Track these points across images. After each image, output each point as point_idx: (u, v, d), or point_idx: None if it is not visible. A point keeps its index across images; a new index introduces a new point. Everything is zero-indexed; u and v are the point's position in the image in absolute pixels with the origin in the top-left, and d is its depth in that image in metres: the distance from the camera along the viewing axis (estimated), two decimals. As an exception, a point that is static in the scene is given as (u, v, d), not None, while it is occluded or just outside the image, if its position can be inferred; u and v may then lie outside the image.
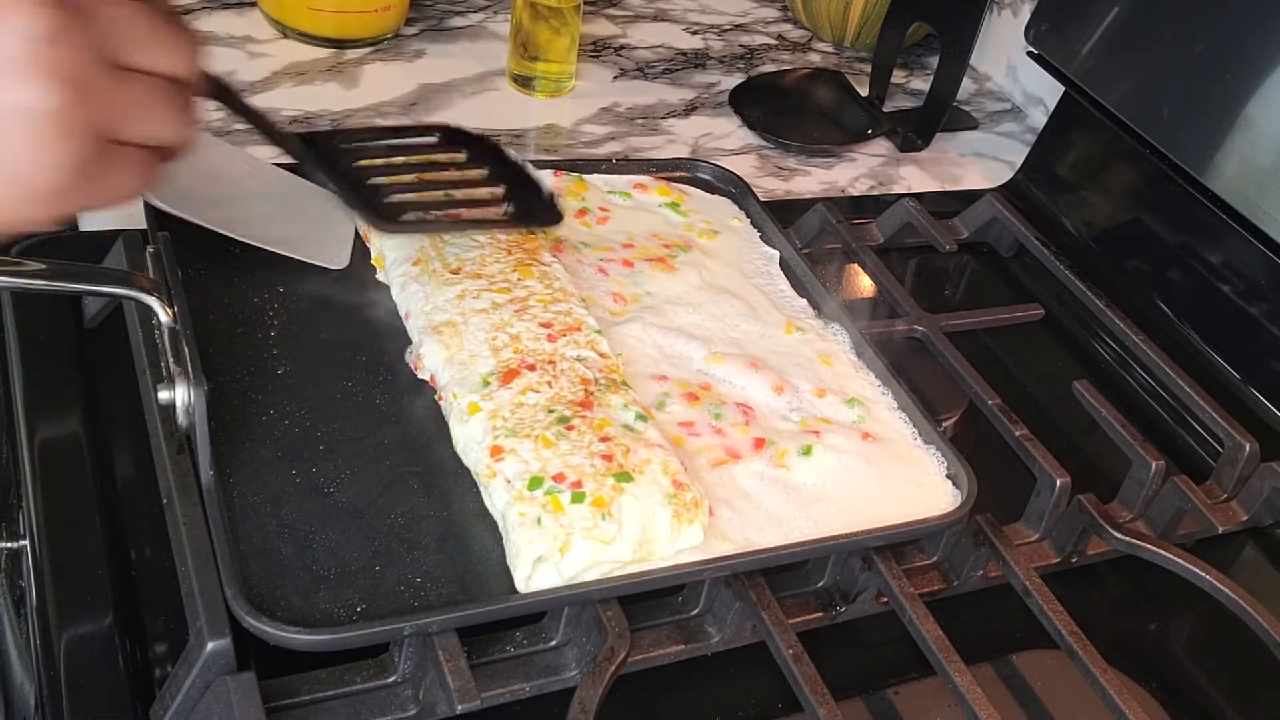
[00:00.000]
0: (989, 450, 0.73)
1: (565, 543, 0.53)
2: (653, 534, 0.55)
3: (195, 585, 0.50)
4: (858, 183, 1.04)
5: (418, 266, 0.66)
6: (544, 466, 0.56)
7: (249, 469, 0.55)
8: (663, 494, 0.55)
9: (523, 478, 0.55)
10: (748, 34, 1.26)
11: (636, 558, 0.54)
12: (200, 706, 0.49)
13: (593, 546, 0.53)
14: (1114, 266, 0.96)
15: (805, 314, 0.74)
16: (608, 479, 0.55)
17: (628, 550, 0.54)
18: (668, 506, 0.55)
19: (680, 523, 0.55)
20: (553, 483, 0.55)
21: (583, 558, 0.53)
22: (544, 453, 0.56)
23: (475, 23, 1.15)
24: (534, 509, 0.54)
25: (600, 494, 0.55)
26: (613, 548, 0.53)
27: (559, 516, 0.54)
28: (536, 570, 0.53)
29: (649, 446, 0.58)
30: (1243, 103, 0.84)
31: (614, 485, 0.55)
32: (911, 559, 0.66)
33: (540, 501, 0.54)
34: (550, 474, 0.55)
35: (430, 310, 0.64)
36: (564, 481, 0.55)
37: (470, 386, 0.60)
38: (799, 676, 0.56)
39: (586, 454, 0.56)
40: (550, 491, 0.54)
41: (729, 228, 0.79)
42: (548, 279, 0.66)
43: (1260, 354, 0.87)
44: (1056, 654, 0.62)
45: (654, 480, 0.56)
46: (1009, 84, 1.24)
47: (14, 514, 0.64)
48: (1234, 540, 0.76)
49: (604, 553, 0.53)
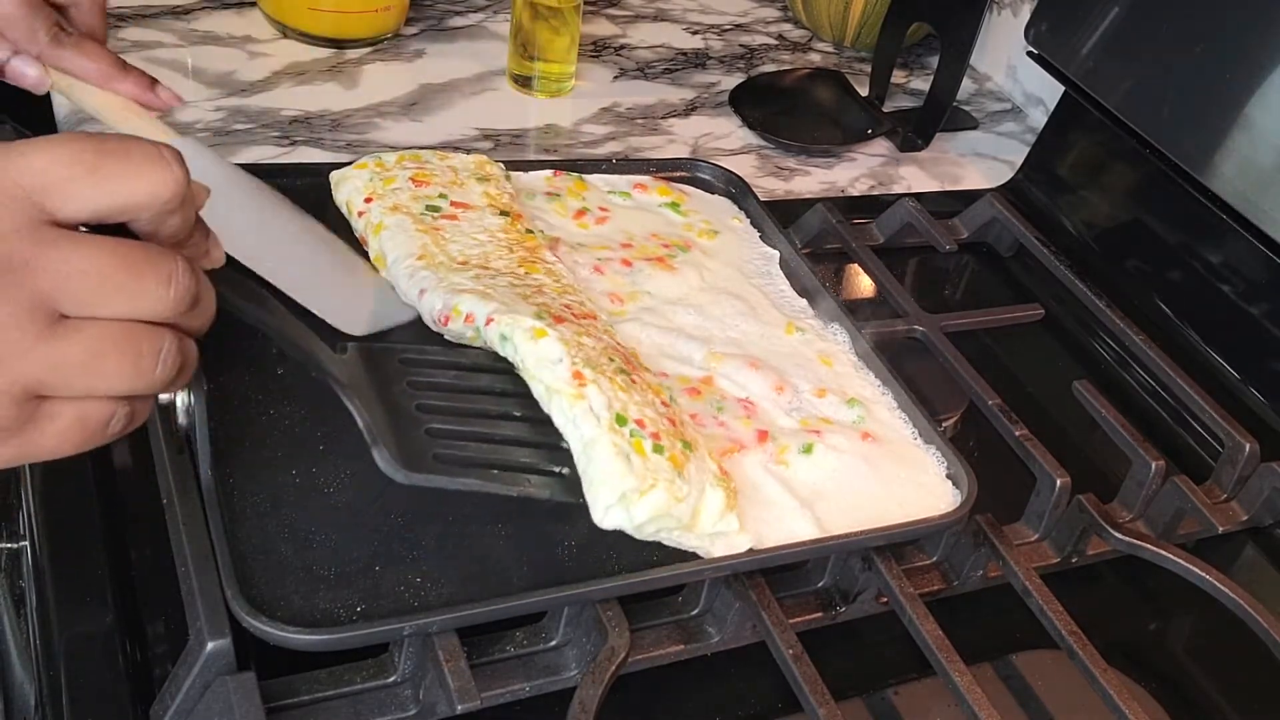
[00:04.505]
0: (989, 450, 0.73)
1: (649, 486, 0.53)
2: (702, 508, 0.55)
3: (195, 585, 0.50)
4: (858, 183, 1.04)
5: (422, 260, 0.64)
6: (625, 408, 0.55)
7: (249, 469, 0.55)
8: (713, 474, 0.56)
9: (609, 410, 0.55)
10: (748, 34, 1.26)
11: (684, 526, 0.54)
12: (200, 706, 0.49)
13: (668, 498, 0.53)
14: (1114, 266, 0.96)
15: (805, 314, 0.74)
16: (677, 441, 0.56)
17: (686, 514, 0.54)
18: (719, 488, 0.55)
19: (727, 508, 0.55)
20: (635, 426, 0.55)
21: (658, 505, 0.53)
22: (620, 395, 0.56)
23: (475, 23, 1.15)
24: (625, 445, 0.54)
25: (674, 453, 0.55)
26: (680, 506, 0.54)
27: (645, 460, 0.54)
28: (620, 502, 0.53)
29: (694, 428, 0.57)
30: (1243, 103, 0.84)
31: (682, 449, 0.55)
32: (911, 559, 0.66)
33: (626, 440, 0.54)
34: (632, 417, 0.55)
35: (453, 282, 0.62)
36: (644, 429, 0.55)
37: (528, 319, 0.58)
38: (799, 676, 0.56)
39: (655, 411, 0.56)
40: (634, 434, 0.55)
41: (729, 228, 0.79)
42: (554, 275, 0.66)
43: (1260, 354, 0.87)
44: (1056, 654, 0.62)
45: (706, 459, 0.56)
46: (1009, 84, 1.24)
47: (14, 514, 0.65)
48: (1234, 540, 0.76)
49: (674, 508, 0.53)
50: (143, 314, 0.37)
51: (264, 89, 0.98)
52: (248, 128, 0.93)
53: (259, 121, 0.94)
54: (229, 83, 0.98)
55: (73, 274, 0.35)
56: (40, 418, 0.36)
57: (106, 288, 0.36)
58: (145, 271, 0.36)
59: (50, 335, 0.35)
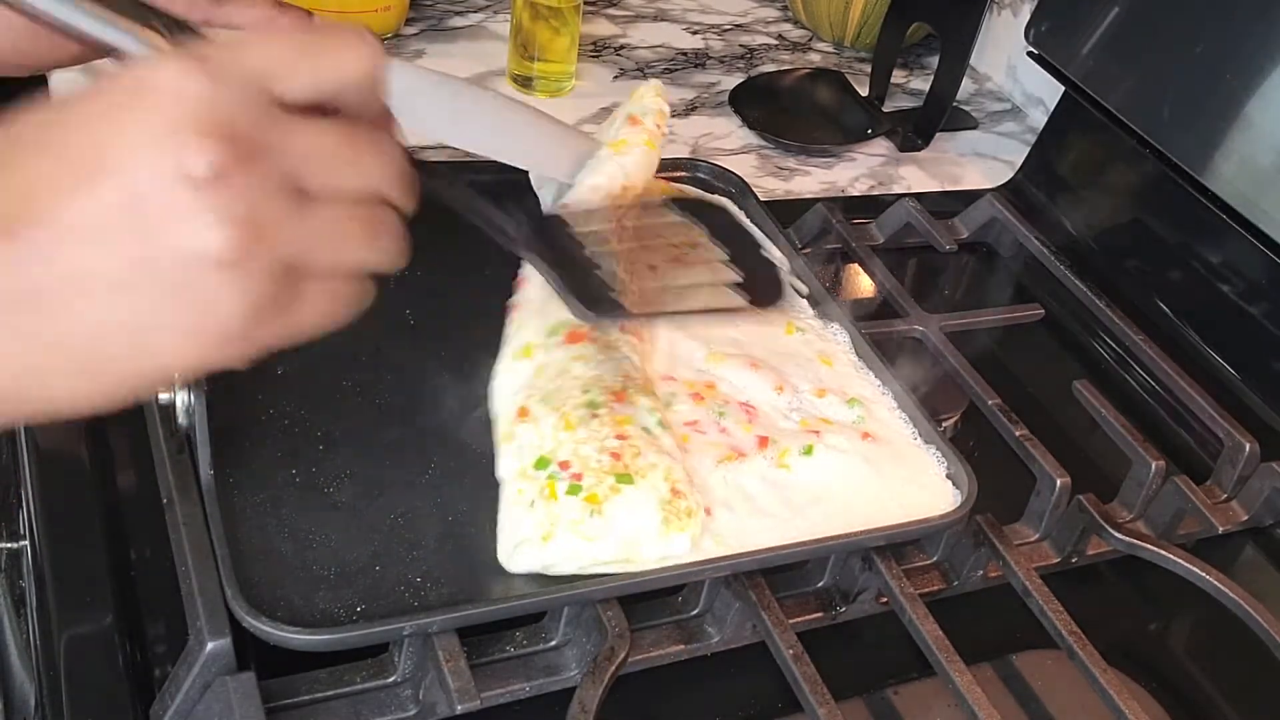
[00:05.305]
0: (989, 450, 0.72)
1: (549, 532, 0.54)
2: (638, 537, 0.55)
3: (195, 585, 0.50)
4: (858, 183, 1.04)
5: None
6: (555, 449, 0.57)
7: (249, 469, 0.55)
8: (658, 500, 0.55)
9: (533, 452, 0.57)
10: (748, 34, 1.26)
11: (618, 558, 0.55)
12: (200, 706, 0.49)
13: (575, 541, 0.54)
14: (1114, 266, 0.96)
15: (805, 314, 0.74)
16: (608, 477, 0.56)
17: (610, 550, 0.54)
18: (659, 513, 0.55)
19: (668, 530, 0.55)
20: (557, 468, 0.56)
21: (563, 549, 0.54)
22: (561, 434, 0.57)
23: (475, 23, 1.15)
24: (531, 489, 0.55)
25: (596, 491, 0.55)
26: (595, 545, 0.54)
27: (551, 505, 0.55)
28: (517, 551, 0.54)
29: (659, 453, 0.58)
30: (1243, 103, 0.84)
31: (612, 485, 0.55)
32: (911, 559, 0.66)
33: (540, 483, 0.55)
34: (557, 458, 0.56)
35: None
36: (567, 470, 0.56)
37: (535, 330, 0.61)
38: (799, 676, 0.56)
39: (598, 447, 0.57)
40: (551, 476, 0.55)
41: (729, 228, 0.79)
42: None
43: (1260, 354, 0.87)
44: (1056, 654, 0.62)
45: (653, 486, 0.56)
46: (1009, 84, 1.24)
47: (14, 514, 0.65)
48: (1234, 540, 0.76)
49: (585, 548, 0.54)
50: (372, 187, 0.39)
51: (264, 89, 0.98)
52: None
53: (259, 121, 0.94)
54: (229, 83, 0.97)
55: (310, 151, 0.37)
56: (299, 294, 0.37)
57: (339, 162, 0.38)
58: (366, 147, 0.38)
59: (300, 212, 0.36)
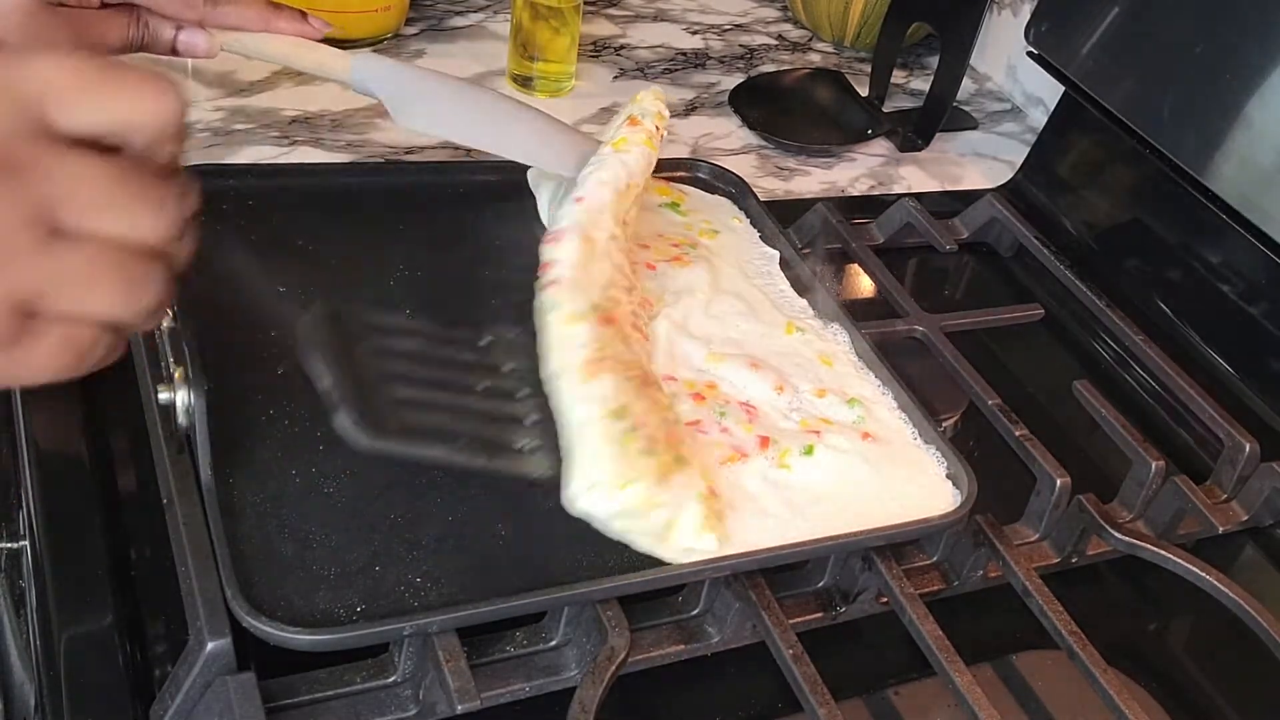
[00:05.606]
0: (989, 450, 0.73)
1: (629, 482, 0.54)
2: (678, 523, 0.55)
3: (195, 585, 0.50)
4: (858, 183, 1.04)
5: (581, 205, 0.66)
6: (629, 406, 0.57)
7: (249, 469, 0.55)
8: (698, 493, 0.56)
9: (611, 402, 0.56)
10: (748, 34, 1.26)
11: (654, 535, 0.55)
12: (200, 706, 0.49)
13: (642, 499, 0.54)
14: (1114, 266, 0.96)
15: (805, 314, 0.74)
16: (671, 452, 0.56)
17: (659, 524, 0.54)
18: (700, 505, 0.55)
19: (704, 527, 0.55)
20: (634, 424, 0.56)
21: (630, 501, 0.54)
22: (630, 395, 0.57)
23: (475, 23, 1.15)
24: (616, 434, 0.55)
25: (664, 460, 0.55)
26: (653, 513, 0.54)
27: (632, 457, 0.55)
28: (591, 491, 0.54)
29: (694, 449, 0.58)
30: (1243, 103, 0.84)
31: (674, 461, 0.56)
32: (911, 559, 0.66)
33: (619, 433, 0.55)
34: (634, 415, 0.56)
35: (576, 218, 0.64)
36: (641, 429, 0.56)
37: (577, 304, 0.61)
38: (799, 676, 0.56)
39: (659, 420, 0.57)
40: (629, 431, 0.55)
41: (729, 228, 0.79)
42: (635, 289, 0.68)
43: (1260, 354, 0.87)
44: (1056, 654, 0.62)
45: (697, 477, 0.56)
46: (1009, 84, 1.24)
47: (14, 514, 0.64)
48: (1234, 540, 0.76)
49: (646, 511, 0.54)
50: (138, 235, 0.36)
51: (264, 89, 0.98)
52: (248, 128, 0.93)
53: (259, 121, 0.94)
54: (229, 83, 0.98)
55: (72, 184, 0.34)
56: (32, 334, 0.35)
57: (105, 202, 0.35)
58: (141, 193, 0.36)
59: (49, 246, 0.34)
